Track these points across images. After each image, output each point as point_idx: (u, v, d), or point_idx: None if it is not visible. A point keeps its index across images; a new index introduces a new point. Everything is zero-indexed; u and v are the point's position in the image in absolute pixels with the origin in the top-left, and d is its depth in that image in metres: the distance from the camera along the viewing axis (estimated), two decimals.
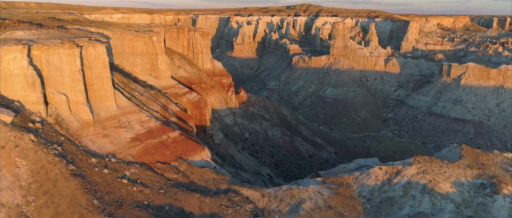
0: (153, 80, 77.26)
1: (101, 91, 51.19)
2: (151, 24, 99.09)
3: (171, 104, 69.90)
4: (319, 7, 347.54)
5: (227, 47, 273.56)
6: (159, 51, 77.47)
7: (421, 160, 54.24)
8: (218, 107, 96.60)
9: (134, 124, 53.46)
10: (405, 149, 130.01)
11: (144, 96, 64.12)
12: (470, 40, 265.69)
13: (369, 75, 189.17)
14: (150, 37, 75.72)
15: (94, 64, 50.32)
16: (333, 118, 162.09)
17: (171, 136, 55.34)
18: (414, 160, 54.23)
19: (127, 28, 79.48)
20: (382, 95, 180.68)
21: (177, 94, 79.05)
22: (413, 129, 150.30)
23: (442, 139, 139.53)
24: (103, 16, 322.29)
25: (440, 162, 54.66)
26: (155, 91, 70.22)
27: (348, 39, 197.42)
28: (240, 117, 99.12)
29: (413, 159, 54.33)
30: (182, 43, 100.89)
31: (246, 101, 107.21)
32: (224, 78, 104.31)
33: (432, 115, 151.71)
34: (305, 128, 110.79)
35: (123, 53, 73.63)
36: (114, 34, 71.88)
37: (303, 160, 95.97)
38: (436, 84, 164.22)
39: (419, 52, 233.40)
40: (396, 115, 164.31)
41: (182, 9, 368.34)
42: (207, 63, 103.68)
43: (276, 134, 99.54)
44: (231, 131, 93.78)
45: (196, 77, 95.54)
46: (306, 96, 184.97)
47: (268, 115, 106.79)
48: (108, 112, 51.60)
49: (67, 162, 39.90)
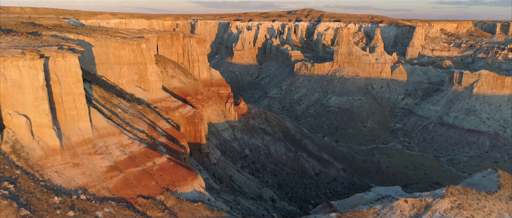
0: (141, 92, 68.90)
1: (72, 110, 42.73)
2: (143, 30, 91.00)
3: (161, 121, 61.40)
4: (321, 12, 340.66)
5: (227, 53, 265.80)
6: (148, 60, 69.18)
7: (454, 191, 45.69)
8: (215, 121, 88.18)
9: (113, 148, 44.95)
10: (417, 163, 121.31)
11: (129, 113, 55.64)
12: (477, 46, 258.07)
13: (375, 83, 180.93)
14: (138, 44, 67.48)
15: (64, 79, 41.90)
16: (338, 128, 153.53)
17: (157, 162, 46.80)
18: (446, 191, 45.69)
19: (113, 34, 71.34)
20: (389, 104, 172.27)
21: (169, 108, 70.64)
22: (423, 140, 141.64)
23: (456, 151, 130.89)
24: (100, 22, 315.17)
25: (477, 193, 46.12)
26: (143, 106, 61.75)
27: (353, 45, 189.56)
28: (240, 131, 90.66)
29: (445, 190, 45.78)
30: (176, 51, 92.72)
31: (246, 113, 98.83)
32: (222, 88, 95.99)
33: (444, 125, 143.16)
34: (311, 142, 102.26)
35: (107, 62, 65.34)
36: (97, 41, 63.65)
37: (309, 179, 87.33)
38: (446, 93, 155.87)
39: (426, 58, 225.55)
40: (404, 125, 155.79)
41: (181, 14, 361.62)
42: (204, 72, 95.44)
43: (279, 150, 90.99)
44: (229, 147, 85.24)
45: (191, 88, 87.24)
46: (309, 105, 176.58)
47: (270, 128, 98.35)
48: (81, 135, 43.12)
49: (18, 205, 31.33)
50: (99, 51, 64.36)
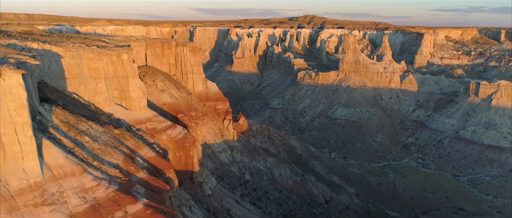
0: (122, 112, 58.03)
1: (13, 146, 31.78)
2: (130, 37, 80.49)
3: (143, 148, 50.30)
4: (323, 19, 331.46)
5: (226, 61, 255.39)
6: (130, 73, 58.42)
7: None
8: (211, 141, 77.12)
9: (70, 195, 33.90)
10: (435, 184, 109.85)
11: (100, 141, 44.63)
12: (486, 54, 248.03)
13: (384, 93, 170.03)
14: (118, 55, 56.76)
15: (3, 104, 31.15)
16: (346, 142, 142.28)
17: (130, 210, 35.72)
18: None
19: (91, 43, 60.70)
20: (399, 116, 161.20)
21: (156, 130, 59.71)
22: (439, 157, 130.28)
23: (476, 170, 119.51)
24: (96, 28, 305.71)
25: None
26: (121, 130, 50.75)
27: (360, 53, 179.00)
28: (239, 152, 79.57)
29: None
30: (168, 61, 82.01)
31: (247, 131, 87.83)
32: (220, 103, 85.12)
33: (461, 140, 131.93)
34: (319, 163, 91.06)
35: (80, 76, 54.59)
36: (68, 51, 52.92)
37: (319, 208, 75.99)
38: (462, 105, 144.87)
39: (435, 67, 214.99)
40: (417, 140, 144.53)
41: (179, 21, 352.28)
42: (199, 84, 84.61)
43: (284, 174, 79.78)
44: (227, 171, 74.07)
45: (184, 104, 76.35)
46: (313, 117, 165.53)
47: (273, 147, 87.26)
48: (26, 179, 32.13)
49: None
50: (70, 63, 53.63)
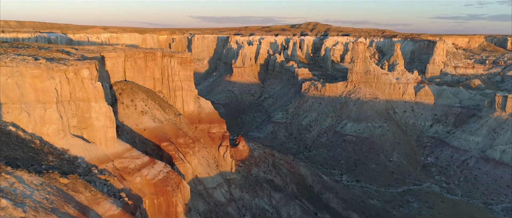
0: (81, 147, 43.47)
1: None
2: (104, 47, 66.32)
3: (102, 204, 35.56)
4: (327, 26, 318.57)
5: (226, 71, 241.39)
6: (93, 95, 44.02)
7: None
8: (204, 174, 62.40)
9: None
10: (465, 214, 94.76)
11: (29, 203, 29.93)
12: (500, 62, 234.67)
13: (397, 106, 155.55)
14: (76, 71, 42.41)
15: None
16: (358, 162, 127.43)
17: None
18: None
19: (45, 54, 46.47)
20: (415, 132, 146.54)
21: (127, 170, 45.11)
22: (465, 180, 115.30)
23: (511, 197, 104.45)
24: (90, 36, 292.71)
25: None
26: (72, 177, 36.14)
27: (370, 62, 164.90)
28: (239, 187, 64.79)
29: None
30: (152, 75, 67.68)
31: (248, 158, 73.17)
32: (215, 125, 70.56)
33: (489, 161, 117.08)
34: (334, 197, 76.16)
35: (22, 101, 40.22)
36: (4, 67, 38.73)
37: None
38: (487, 120, 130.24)
39: (449, 77, 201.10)
40: (438, 160, 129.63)
41: (177, 28, 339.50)
42: (190, 103, 70.15)
43: (293, 213, 64.95)
44: (223, 214, 59.23)
45: (170, 128, 61.83)
46: (320, 132, 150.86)
47: (279, 178, 72.45)
48: None
49: None
50: (7, 83, 39.45)
